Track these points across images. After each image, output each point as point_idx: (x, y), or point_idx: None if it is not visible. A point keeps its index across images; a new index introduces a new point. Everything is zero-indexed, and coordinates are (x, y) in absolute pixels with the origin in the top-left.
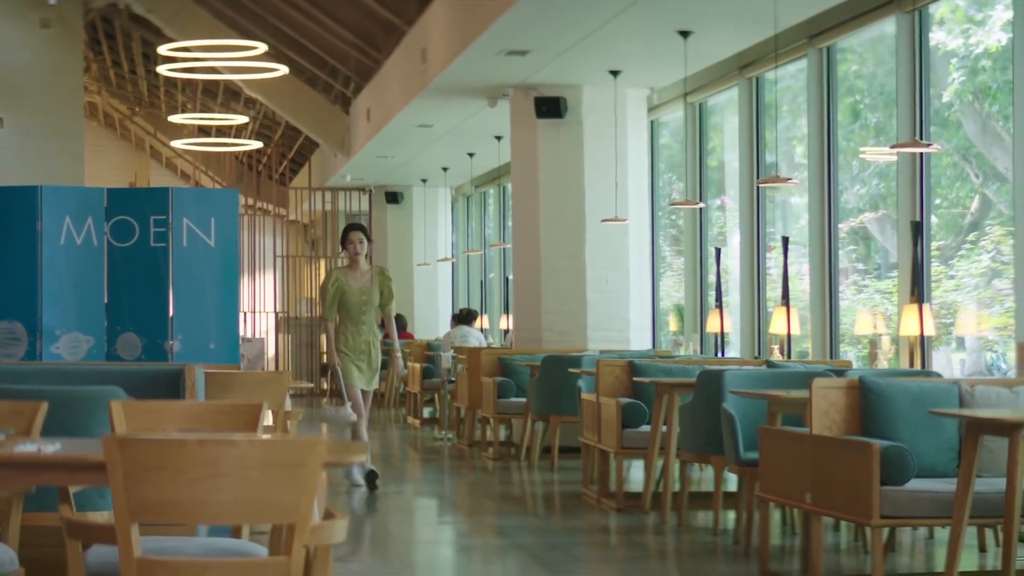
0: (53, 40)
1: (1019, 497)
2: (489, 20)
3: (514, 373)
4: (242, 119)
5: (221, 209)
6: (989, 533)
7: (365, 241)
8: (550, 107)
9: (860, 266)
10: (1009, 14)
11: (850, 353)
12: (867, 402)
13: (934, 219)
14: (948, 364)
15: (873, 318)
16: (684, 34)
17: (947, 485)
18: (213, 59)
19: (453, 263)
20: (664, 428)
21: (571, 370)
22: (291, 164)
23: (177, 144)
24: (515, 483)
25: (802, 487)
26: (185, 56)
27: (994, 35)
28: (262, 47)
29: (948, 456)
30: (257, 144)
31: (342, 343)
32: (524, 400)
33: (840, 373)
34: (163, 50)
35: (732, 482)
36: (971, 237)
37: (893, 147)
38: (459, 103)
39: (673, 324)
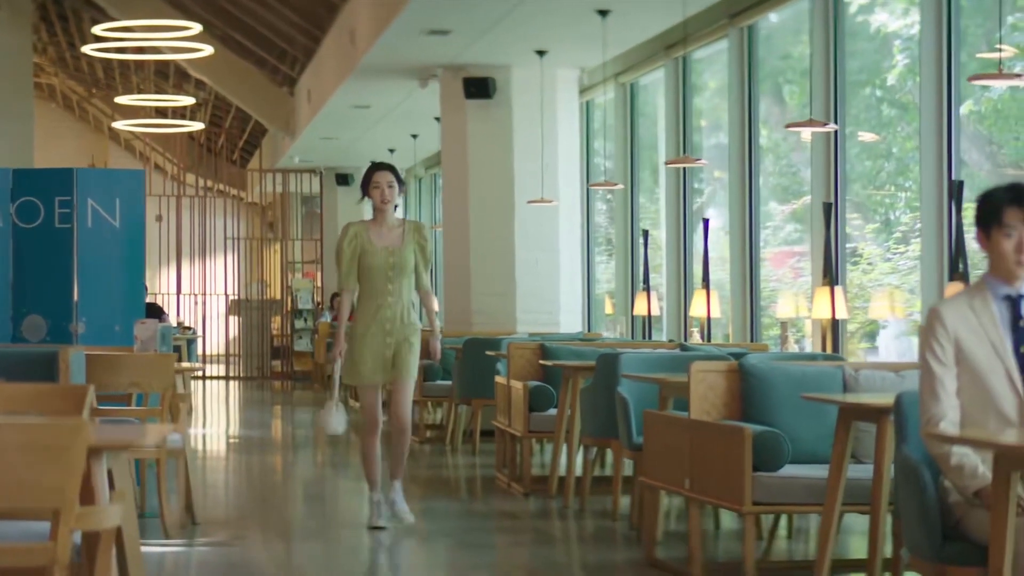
0: (1, 23)
1: (887, 484)
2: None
3: (441, 356)
4: (189, 100)
5: (126, 190)
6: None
7: (395, 185)
8: (479, 88)
9: (798, 248)
10: None
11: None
12: (746, 386)
13: (901, 200)
14: (885, 347)
15: (795, 301)
16: (603, 13)
17: (822, 471)
18: (139, 39)
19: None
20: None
21: (488, 353)
22: (246, 146)
23: (119, 125)
24: (433, 466)
25: (681, 472)
26: (113, 36)
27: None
28: (197, 27)
29: (829, 442)
30: (200, 125)
31: (358, 324)
32: (451, 383)
33: (738, 357)
34: (97, 30)
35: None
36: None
37: (788, 126)
38: (391, 84)
39: (608, 307)
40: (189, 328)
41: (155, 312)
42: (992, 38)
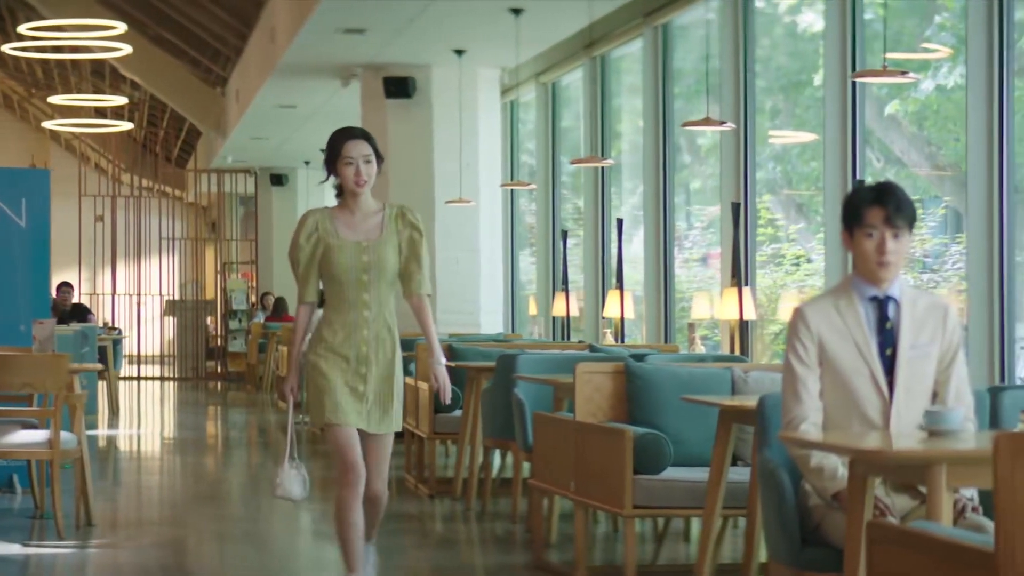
0: None
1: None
2: None
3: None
4: (122, 100)
5: (33, 190)
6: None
7: (374, 160)
8: (399, 87)
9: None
10: None
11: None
12: (632, 388)
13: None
14: None
15: (710, 302)
16: (516, 11)
17: (705, 475)
18: (66, 38)
19: None
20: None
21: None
22: (184, 146)
23: (48, 125)
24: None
25: (567, 475)
26: (40, 35)
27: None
28: (122, 26)
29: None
30: (129, 125)
31: (319, 347)
32: None
33: (639, 358)
34: (23, 29)
35: None
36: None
37: (684, 125)
38: (313, 83)
39: (532, 307)
40: (115, 328)
41: (81, 312)
42: (913, 39)
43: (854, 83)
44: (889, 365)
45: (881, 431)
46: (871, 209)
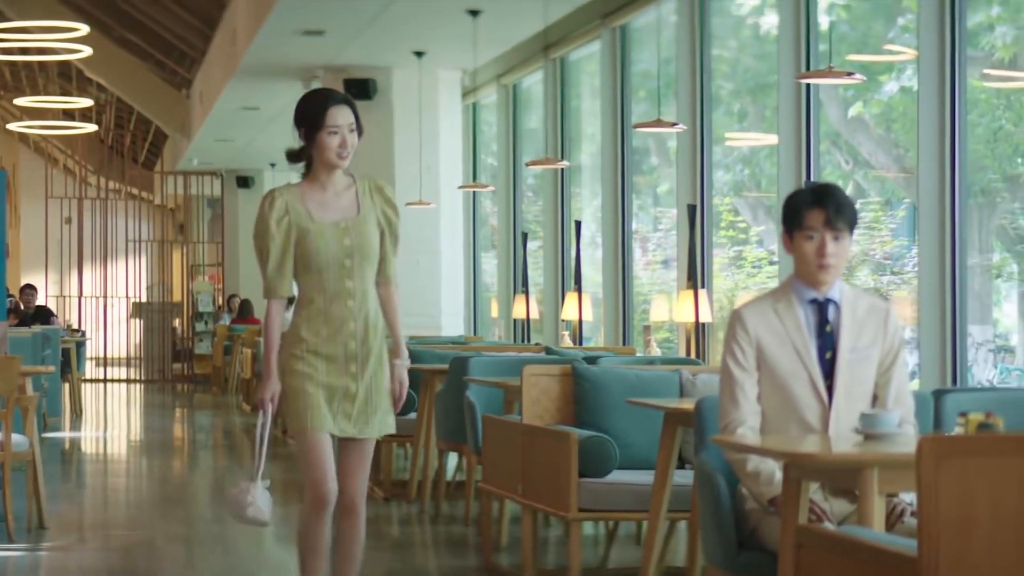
0: None
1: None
2: None
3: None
4: (88, 102)
5: None
6: None
7: (356, 130)
8: (359, 89)
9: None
10: None
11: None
12: (579, 390)
13: None
14: None
15: (669, 304)
16: (474, 13)
17: (650, 478)
18: (27, 40)
19: None
20: None
21: None
22: (152, 148)
23: (14, 127)
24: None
25: (515, 478)
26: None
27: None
28: (84, 28)
29: None
30: (93, 127)
31: (297, 345)
32: None
33: (592, 361)
34: None
35: None
36: (872, 225)
37: (636, 126)
38: (275, 85)
39: (494, 309)
40: (78, 331)
41: (44, 315)
42: (879, 41)
43: (808, 85)
44: (829, 369)
45: (818, 435)
46: (811, 211)
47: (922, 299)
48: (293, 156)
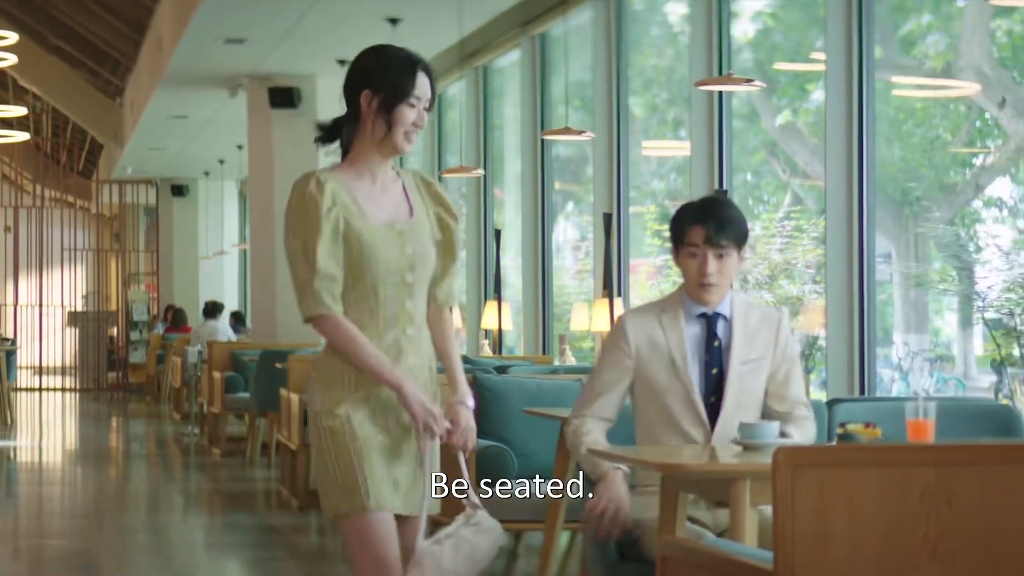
0: None
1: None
2: (195, 6)
3: (243, 368)
4: (20, 111)
5: None
6: None
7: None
8: (283, 97)
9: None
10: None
11: None
12: (481, 400)
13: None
14: None
15: (589, 313)
16: (393, 21)
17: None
18: None
19: (246, 256)
20: None
21: (277, 365)
22: (90, 156)
23: None
24: (229, 480)
25: None
26: None
27: (742, 25)
28: (13, 36)
29: None
30: (24, 135)
31: (341, 386)
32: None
33: (503, 370)
34: None
35: None
36: (791, 232)
37: (544, 134)
38: (202, 93)
39: None
40: (7, 339)
41: None
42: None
43: (721, 93)
44: (716, 384)
45: (695, 446)
46: (693, 228)
47: (830, 309)
48: (330, 132)
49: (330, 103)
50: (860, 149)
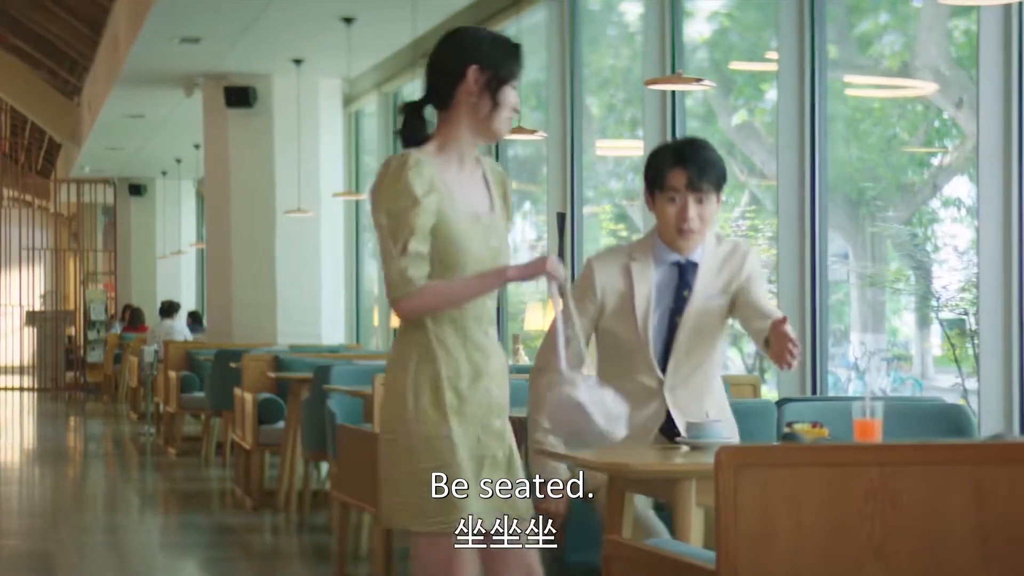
0: None
1: None
2: (150, 5)
3: (199, 367)
4: None
5: None
6: None
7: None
8: (239, 97)
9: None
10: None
11: None
12: None
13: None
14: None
15: (543, 313)
16: (348, 20)
17: None
18: None
19: (203, 255)
20: None
21: (232, 364)
22: (48, 155)
23: None
24: (184, 479)
25: (367, 488)
26: None
27: (698, 26)
28: None
29: None
30: None
31: (429, 389)
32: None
33: None
34: None
35: None
36: (747, 232)
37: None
38: (158, 92)
39: (376, 318)
40: None
41: None
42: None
43: (673, 93)
44: (674, 332)
45: (658, 402)
46: (673, 171)
47: (782, 309)
48: (414, 119)
49: (286, 102)
50: (812, 148)
